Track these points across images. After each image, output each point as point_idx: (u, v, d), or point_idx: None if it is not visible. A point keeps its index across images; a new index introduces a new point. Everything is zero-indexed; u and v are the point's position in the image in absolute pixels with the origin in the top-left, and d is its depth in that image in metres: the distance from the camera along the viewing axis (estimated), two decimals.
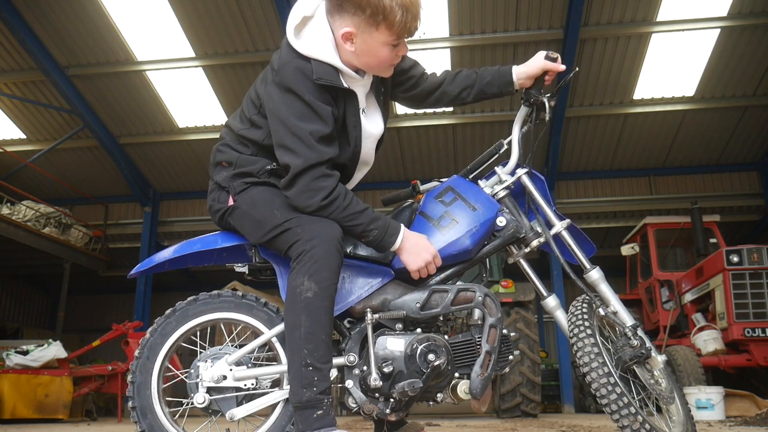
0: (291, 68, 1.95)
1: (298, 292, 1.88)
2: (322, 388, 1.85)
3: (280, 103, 1.95)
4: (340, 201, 1.94)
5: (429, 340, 2.03)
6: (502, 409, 6.97)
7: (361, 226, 1.97)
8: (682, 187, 12.53)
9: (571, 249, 2.19)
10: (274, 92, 1.97)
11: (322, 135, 1.93)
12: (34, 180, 13.13)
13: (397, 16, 1.91)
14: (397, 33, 1.95)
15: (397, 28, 1.93)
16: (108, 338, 8.64)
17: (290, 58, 1.97)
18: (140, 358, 2.10)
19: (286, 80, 1.94)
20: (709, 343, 7.20)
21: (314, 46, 1.97)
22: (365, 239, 2.01)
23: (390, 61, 2.04)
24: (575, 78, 10.53)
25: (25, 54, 10.42)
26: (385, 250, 2.04)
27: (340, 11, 1.95)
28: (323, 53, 1.97)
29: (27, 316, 16.22)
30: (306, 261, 1.89)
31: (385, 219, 2.01)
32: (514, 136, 2.27)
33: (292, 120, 1.92)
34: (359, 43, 1.97)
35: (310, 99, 1.92)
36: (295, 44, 1.99)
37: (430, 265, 2.04)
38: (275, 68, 2.01)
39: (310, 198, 1.93)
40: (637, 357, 2.01)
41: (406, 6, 1.91)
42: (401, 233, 2.01)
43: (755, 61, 10.20)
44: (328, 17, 1.99)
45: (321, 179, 1.93)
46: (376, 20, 1.92)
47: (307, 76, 1.94)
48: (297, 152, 1.92)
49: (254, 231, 2.05)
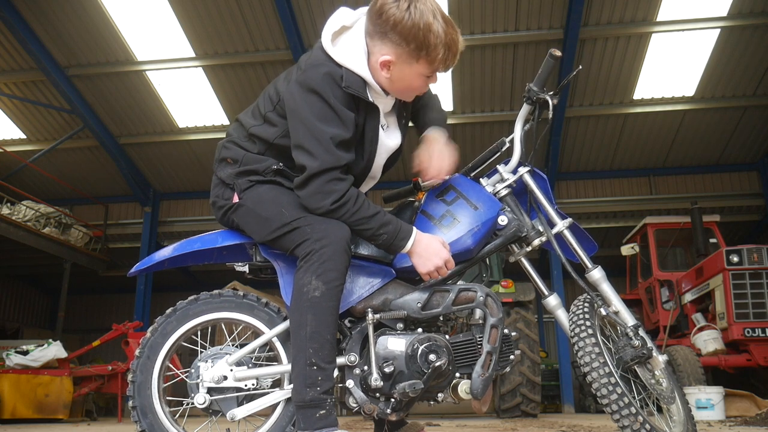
0: (321, 71, 1.95)
1: (305, 291, 1.88)
2: (325, 388, 1.85)
3: (303, 103, 1.94)
4: (350, 205, 1.94)
5: (430, 340, 2.02)
6: (502, 409, 6.97)
7: (371, 231, 1.97)
8: (682, 187, 12.53)
9: (573, 248, 2.18)
10: (296, 91, 1.97)
11: (341, 140, 1.94)
12: (34, 180, 13.13)
13: (439, 54, 1.95)
14: (434, 68, 1.99)
15: (436, 64, 1.98)
16: (108, 338, 8.64)
17: (322, 62, 1.98)
18: (141, 358, 2.09)
19: (312, 81, 1.94)
20: (709, 343, 7.20)
21: (348, 56, 1.98)
22: (375, 242, 2.02)
23: (420, 90, 2.09)
24: (575, 78, 10.54)
25: (25, 54, 10.42)
26: (395, 253, 2.05)
27: (382, 38, 1.96)
28: (356, 65, 1.98)
29: (27, 316, 16.22)
30: (314, 260, 1.89)
31: (396, 223, 1.99)
32: (516, 134, 2.27)
33: (314, 122, 1.92)
34: (395, 71, 1.99)
35: (334, 103, 1.93)
36: (330, 50, 1.99)
37: (441, 269, 2.03)
38: (302, 68, 2.01)
39: (321, 200, 1.93)
40: (638, 357, 2.00)
41: (449, 45, 1.96)
42: (412, 237, 2.00)
43: (755, 61, 10.20)
44: (366, 38, 2.00)
45: (334, 182, 1.93)
46: (418, 54, 1.95)
47: (336, 82, 1.94)
48: (315, 154, 1.92)
49: (260, 229, 2.04)
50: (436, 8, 1.95)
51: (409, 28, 1.90)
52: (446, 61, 1.98)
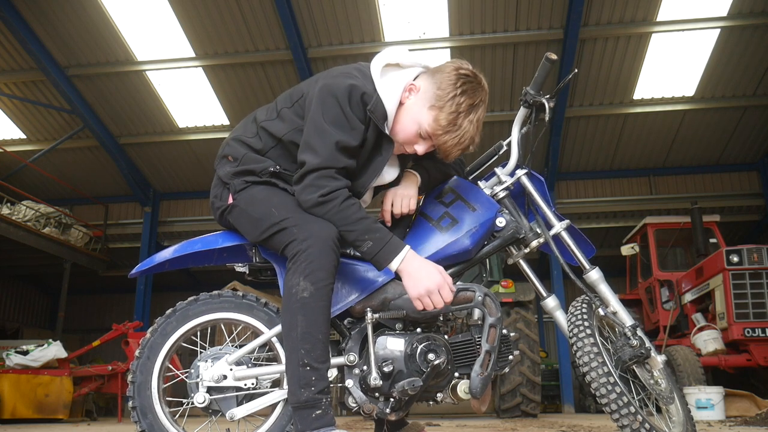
0: (348, 82, 1.98)
1: (294, 292, 1.89)
2: (320, 388, 1.86)
3: (320, 104, 1.98)
4: (336, 202, 1.94)
5: (429, 339, 2.03)
6: (502, 409, 6.97)
7: (354, 234, 1.94)
8: (682, 187, 12.53)
9: (571, 249, 2.19)
10: (318, 93, 2.00)
11: (346, 146, 1.96)
12: (34, 180, 13.13)
13: (449, 117, 1.98)
14: (434, 128, 2.00)
15: (439, 123, 1.99)
16: (108, 338, 8.64)
17: (354, 76, 2.02)
18: (141, 358, 2.10)
19: (335, 87, 1.98)
20: (709, 343, 7.20)
21: (387, 90, 2.04)
22: (358, 249, 1.96)
23: (409, 142, 2.07)
24: (575, 78, 10.54)
25: (25, 54, 10.42)
26: (382, 267, 1.97)
27: (433, 75, 2.05)
28: (388, 100, 2.03)
29: (27, 316, 16.22)
30: (301, 261, 1.89)
31: (386, 235, 1.94)
32: (514, 137, 2.28)
33: (325, 125, 1.96)
34: (411, 101, 2.05)
35: (348, 112, 1.96)
36: (375, 75, 2.05)
37: (434, 295, 1.93)
38: (333, 74, 2.04)
39: (311, 193, 1.95)
40: (636, 357, 2.01)
41: (461, 125, 1.99)
42: (402, 254, 1.93)
43: (755, 61, 10.21)
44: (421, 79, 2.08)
45: (327, 179, 1.95)
46: (434, 103, 2.00)
47: (358, 98, 1.98)
48: (318, 152, 1.95)
49: (251, 229, 2.05)
50: (480, 117, 2.03)
51: (451, 87, 1.99)
52: (448, 132, 1.99)
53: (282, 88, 10.85)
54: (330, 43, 10.23)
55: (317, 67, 10.49)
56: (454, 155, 2.06)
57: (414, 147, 2.08)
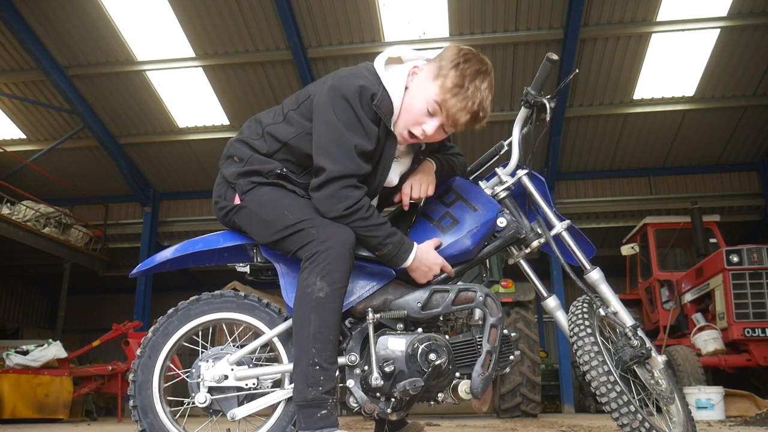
0: (357, 83, 1.98)
1: (309, 291, 1.90)
2: (327, 388, 1.86)
3: (332, 107, 1.97)
4: (362, 213, 1.97)
5: (430, 339, 2.03)
6: (502, 409, 6.97)
7: (378, 239, 1.99)
8: (682, 187, 12.53)
9: (571, 249, 2.20)
10: (328, 94, 1.99)
11: (363, 150, 1.97)
12: (34, 180, 13.13)
13: (454, 80, 1.97)
14: (441, 94, 1.99)
15: (445, 90, 1.98)
16: (108, 338, 8.64)
17: (362, 76, 2.02)
18: (142, 357, 2.10)
19: (345, 89, 1.97)
20: (709, 343, 7.21)
21: (392, 81, 2.05)
22: (379, 252, 2.02)
23: (418, 122, 2.05)
24: (575, 78, 10.54)
25: (25, 54, 10.42)
26: (396, 266, 2.05)
27: (434, 58, 2.08)
28: (394, 89, 2.03)
29: (27, 316, 16.21)
30: (319, 262, 1.90)
31: (400, 235, 2.03)
32: (515, 138, 2.28)
33: (340, 127, 1.95)
34: (415, 81, 2.06)
35: (361, 114, 1.96)
36: (379, 68, 2.06)
37: (436, 275, 2.12)
38: (340, 75, 2.04)
39: (334, 204, 1.95)
40: (637, 357, 2.01)
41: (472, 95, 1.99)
42: (413, 252, 2.03)
43: (755, 61, 10.21)
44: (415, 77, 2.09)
45: (350, 189, 1.96)
46: (438, 73, 2.01)
47: (367, 97, 1.98)
48: (336, 159, 1.94)
49: (262, 231, 2.05)
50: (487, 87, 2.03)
51: (454, 56, 2.00)
52: (456, 96, 1.98)
53: (282, 88, 10.85)
54: (330, 43, 10.23)
55: (317, 67, 10.49)
56: (463, 122, 2.02)
57: (422, 128, 2.04)
